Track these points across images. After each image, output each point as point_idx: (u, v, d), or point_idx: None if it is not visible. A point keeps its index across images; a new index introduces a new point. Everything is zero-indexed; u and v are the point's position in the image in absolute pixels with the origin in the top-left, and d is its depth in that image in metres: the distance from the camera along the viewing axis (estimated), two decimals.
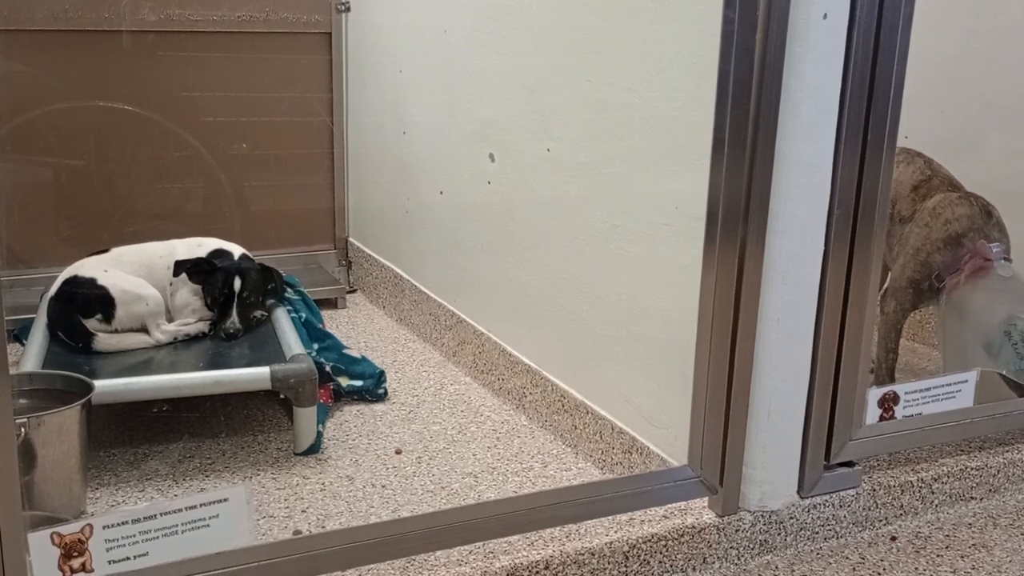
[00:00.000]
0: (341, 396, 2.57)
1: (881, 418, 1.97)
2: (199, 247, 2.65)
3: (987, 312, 2.21)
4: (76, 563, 1.42)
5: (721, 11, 1.64)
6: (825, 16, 1.65)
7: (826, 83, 1.70)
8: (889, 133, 1.77)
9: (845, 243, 1.79)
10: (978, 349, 2.21)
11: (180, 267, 2.54)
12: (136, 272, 2.54)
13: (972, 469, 2.10)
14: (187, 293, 2.56)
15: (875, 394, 1.96)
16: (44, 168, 3.07)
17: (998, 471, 2.13)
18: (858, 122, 1.74)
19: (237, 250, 2.67)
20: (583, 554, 1.73)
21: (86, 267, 2.50)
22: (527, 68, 2.39)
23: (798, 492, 1.90)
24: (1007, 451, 2.15)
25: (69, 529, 1.41)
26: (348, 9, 3.36)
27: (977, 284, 2.24)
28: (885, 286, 2.39)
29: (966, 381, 2.06)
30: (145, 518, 1.46)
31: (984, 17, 2.76)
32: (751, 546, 1.87)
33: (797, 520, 1.90)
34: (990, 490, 2.13)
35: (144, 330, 2.46)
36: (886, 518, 2.01)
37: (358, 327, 3.18)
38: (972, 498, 2.11)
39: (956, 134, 2.75)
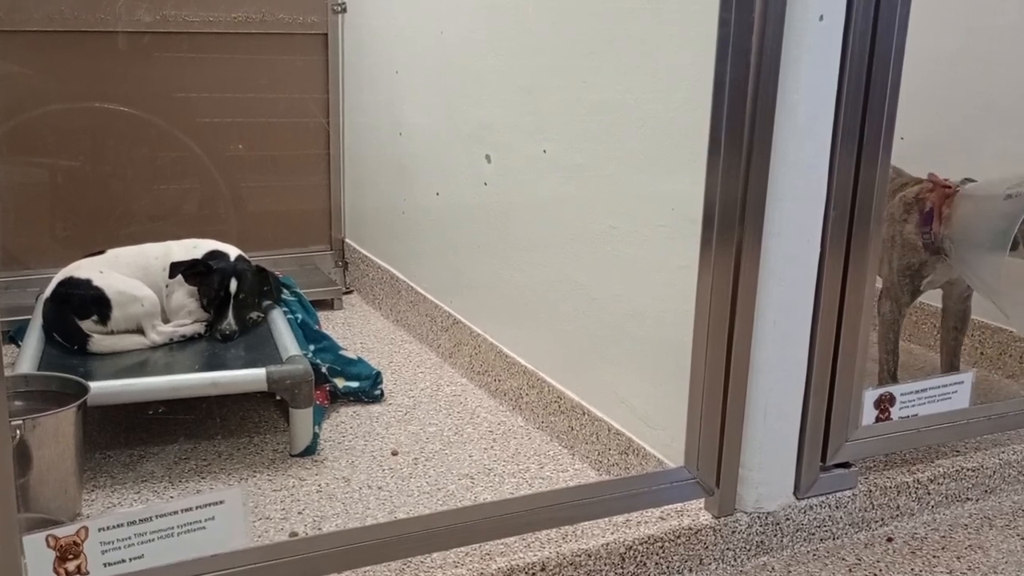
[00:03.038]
0: (337, 397, 2.57)
1: (877, 419, 1.97)
2: (195, 248, 2.64)
3: (986, 212, 2.19)
4: (71, 566, 1.42)
5: (717, 13, 1.64)
6: (821, 18, 1.65)
7: (822, 84, 1.70)
8: (885, 134, 1.77)
9: (841, 244, 1.79)
10: (999, 251, 2.16)
11: (176, 268, 2.54)
12: (132, 273, 2.53)
13: (968, 470, 2.10)
14: (183, 294, 2.56)
15: (871, 395, 1.96)
16: (40, 169, 3.07)
17: (994, 472, 2.13)
18: (854, 123, 1.74)
19: (233, 251, 2.66)
20: (579, 555, 1.72)
21: (82, 268, 2.49)
22: (524, 69, 2.39)
23: (794, 493, 1.91)
24: (1003, 452, 2.15)
25: (64, 531, 1.41)
26: (344, 10, 3.36)
27: (957, 205, 2.23)
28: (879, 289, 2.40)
29: (962, 382, 2.07)
30: (141, 520, 1.46)
31: (981, 17, 2.76)
32: (747, 547, 1.87)
33: (793, 521, 1.90)
34: (986, 491, 2.13)
35: (140, 331, 2.46)
36: (882, 519, 2.01)
37: (354, 328, 3.18)
38: (968, 499, 2.11)
39: (952, 135, 2.75)
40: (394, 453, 2.30)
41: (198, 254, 2.61)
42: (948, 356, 2.47)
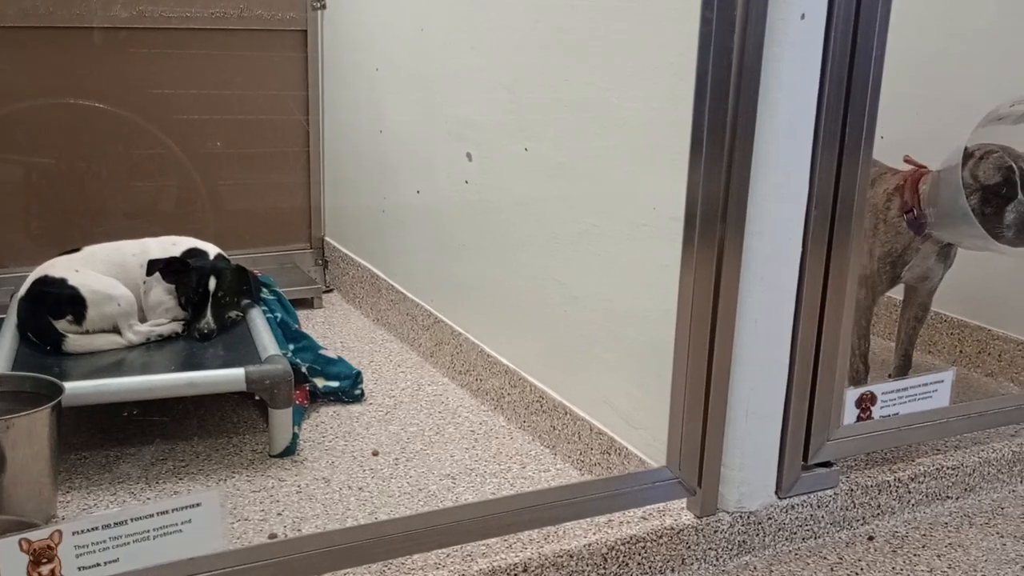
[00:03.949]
0: (317, 397, 2.55)
1: (858, 418, 1.98)
2: (173, 246, 2.61)
3: (949, 172, 2.22)
4: (45, 570, 1.40)
5: (699, 11, 1.63)
6: (803, 16, 1.65)
7: (804, 83, 1.70)
8: (866, 133, 1.78)
9: (823, 244, 1.79)
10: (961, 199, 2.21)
11: (153, 266, 2.51)
12: (108, 271, 2.50)
13: (948, 468, 2.11)
14: (160, 293, 2.53)
15: (853, 394, 1.96)
16: (15, 166, 3.03)
17: (973, 470, 2.14)
18: (836, 122, 1.74)
19: (212, 249, 2.64)
20: (561, 556, 1.72)
21: (57, 267, 2.46)
22: (505, 67, 2.38)
23: (776, 493, 1.90)
24: (982, 450, 2.16)
25: (38, 535, 1.39)
26: (324, 6, 3.34)
27: (930, 179, 2.27)
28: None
29: (942, 381, 2.07)
30: (116, 523, 1.44)
31: (960, 18, 2.78)
32: (729, 547, 1.87)
33: (775, 521, 1.90)
34: (966, 489, 2.14)
35: (116, 331, 2.43)
36: (863, 518, 2.02)
37: (334, 327, 3.16)
38: (948, 497, 2.12)
39: (932, 134, 2.76)
40: (375, 453, 2.29)
41: (176, 252, 2.59)
42: (903, 345, 2.52)
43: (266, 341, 2.42)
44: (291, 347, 2.59)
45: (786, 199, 1.74)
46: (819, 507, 1.95)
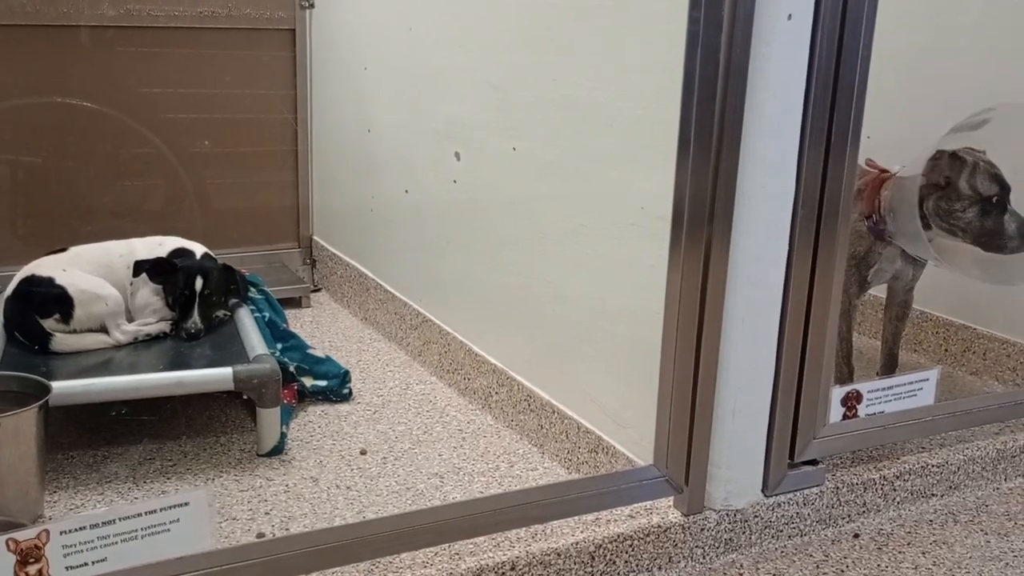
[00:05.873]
0: (305, 396, 2.55)
1: (844, 416, 1.99)
2: (160, 246, 2.61)
3: (906, 187, 2.23)
4: (32, 570, 1.39)
5: (687, 11, 1.64)
6: (790, 17, 1.66)
7: (790, 83, 1.71)
8: (852, 132, 1.78)
9: (809, 243, 1.80)
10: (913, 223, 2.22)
11: (140, 266, 2.50)
12: (95, 271, 2.49)
13: (933, 466, 2.12)
14: (148, 293, 2.52)
15: (838, 393, 1.97)
16: (1, 165, 3.01)
17: (958, 468, 2.16)
18: (822, 122, 1.75)
19: (199, 249, 2.63)
20: (549, 555, 1.72)
21: (43, 266, 2.45)
22: (493, 66, 2.38)
23: (763, 491, 1.91)
24: (967, 448, 2.18)
25: (25, 535, 1.39)
26: (312, 5, 3.33)
27: (891, 186, 2.28)
28: None
29: (927, 379, 2.09)
30: (104, 523, 1.43)
31: (945, 16, 2.79)
32: (716, 545, 1.88)
33: (762, 519, 1.91)
34: (950, 487, 2.16)
35: (103, 330, 2.42)
36: (849, 515, 2.03)
37: (322, 326, 3.16)
38: (933, 495, 2.14)
39: (918, 133, 2.77)
40: (363, 452, 2.29)
41: (163, 252, 2.58)
42: (888, 344, 2.54)
43: (254, 340, 2.41)
44: (279, 346, 2.59)
45: (773, 198, 1.75)
46: (805, 505, 1.96)
